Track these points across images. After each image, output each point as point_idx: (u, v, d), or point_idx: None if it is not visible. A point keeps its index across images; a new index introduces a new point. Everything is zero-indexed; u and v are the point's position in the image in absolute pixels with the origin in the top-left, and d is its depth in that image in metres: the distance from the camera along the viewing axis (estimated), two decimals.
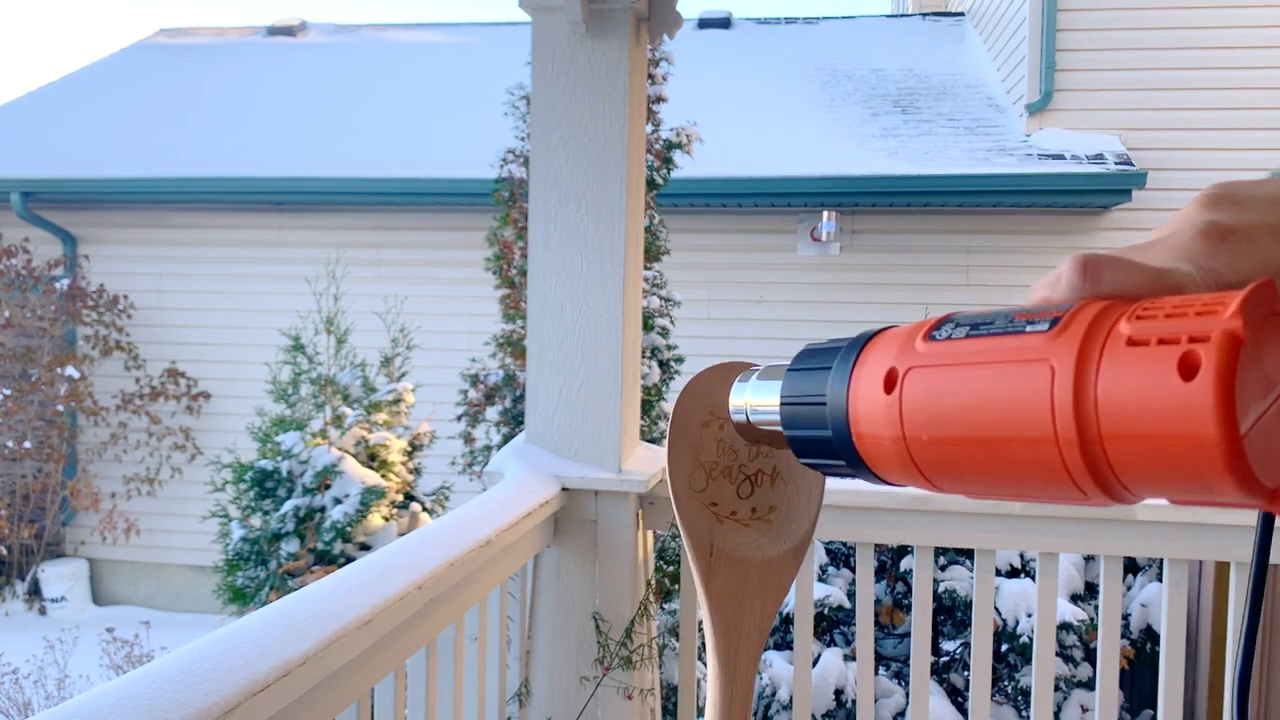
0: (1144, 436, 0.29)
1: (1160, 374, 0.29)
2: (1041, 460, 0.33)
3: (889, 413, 0.38)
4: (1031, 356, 0.33)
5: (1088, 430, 0.31)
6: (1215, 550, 1.83)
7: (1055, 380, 0.32)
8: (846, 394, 0.41)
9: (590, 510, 1.95)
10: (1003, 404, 0.34)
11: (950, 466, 0.37)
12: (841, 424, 0.41)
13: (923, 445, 0.37)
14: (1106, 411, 0.31)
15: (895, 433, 0.38)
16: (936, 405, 0.37)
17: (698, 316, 6.42)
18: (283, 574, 3.71)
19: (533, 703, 1.97)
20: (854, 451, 0.41)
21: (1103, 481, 0.32)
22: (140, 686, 0.87)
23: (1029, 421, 0.33)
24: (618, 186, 1.92)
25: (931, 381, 0.37)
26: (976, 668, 1.87)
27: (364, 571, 1.28)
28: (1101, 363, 0.31)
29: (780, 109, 7.56)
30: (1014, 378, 0.34)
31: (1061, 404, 0.32)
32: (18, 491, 7.06)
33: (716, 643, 0.54)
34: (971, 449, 0.35)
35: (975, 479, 0.36)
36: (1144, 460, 0.30)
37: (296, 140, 7.56)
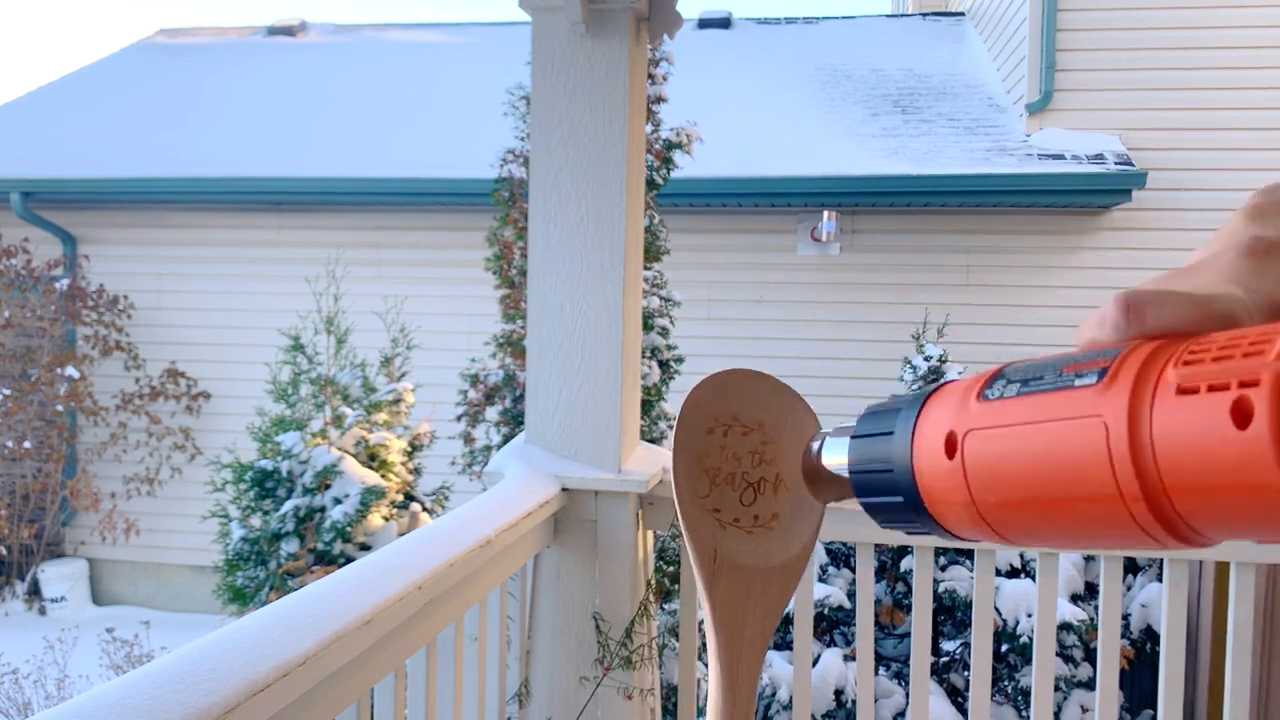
0: (1208, 487, 0.29)
1: (1214, 424, 0.29)
2: (1111, 516, 0.32)
3: (954, 478, 0.38)
4: (1084, 413, 0.33)
5: (1150, 484, 0.31)
6: (1215, 550, 1.83)
7: (1110, 436, 0.32)
8: (911, 460, 0.41)
9: (590, 510, 1.95)
10: (1062, 464, 0.34)
11: (1023, 526, 0.37)
12: (911, 490, 0.41)
13: (992, 508, 0.37)
14: (1166, 464, 0.30)
15: (964, 497, 0.38)
16: (998, 469, 0.37)
17: (698, 316, 6.42)
18: (283, 574, 3.71)
19: (533, 703, 1.97)
20: (927, 515, 0.41)
21: (1176, 531, 0.31)
22: (140, 686, 0.87)
23: (1092, 479, 0.33)
24: (618, 186, 1.92)
25: (990, 444, 0.37)
26: (976, 668, 1.87)
27: (364, 571, 1.28)
28: (1154, 415, 0.31)
29: (780, 109, 7.56)
30: (1069, 437, 0.33)
31: (1120, 459, 0.31)
32: (18, 491, 7.06)
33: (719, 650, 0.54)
34: (1040, 509, 0.35)
35: (1050, 536, 0.36)
36: (1213, 509, 0.30)
37: (296, 140, 7.56)
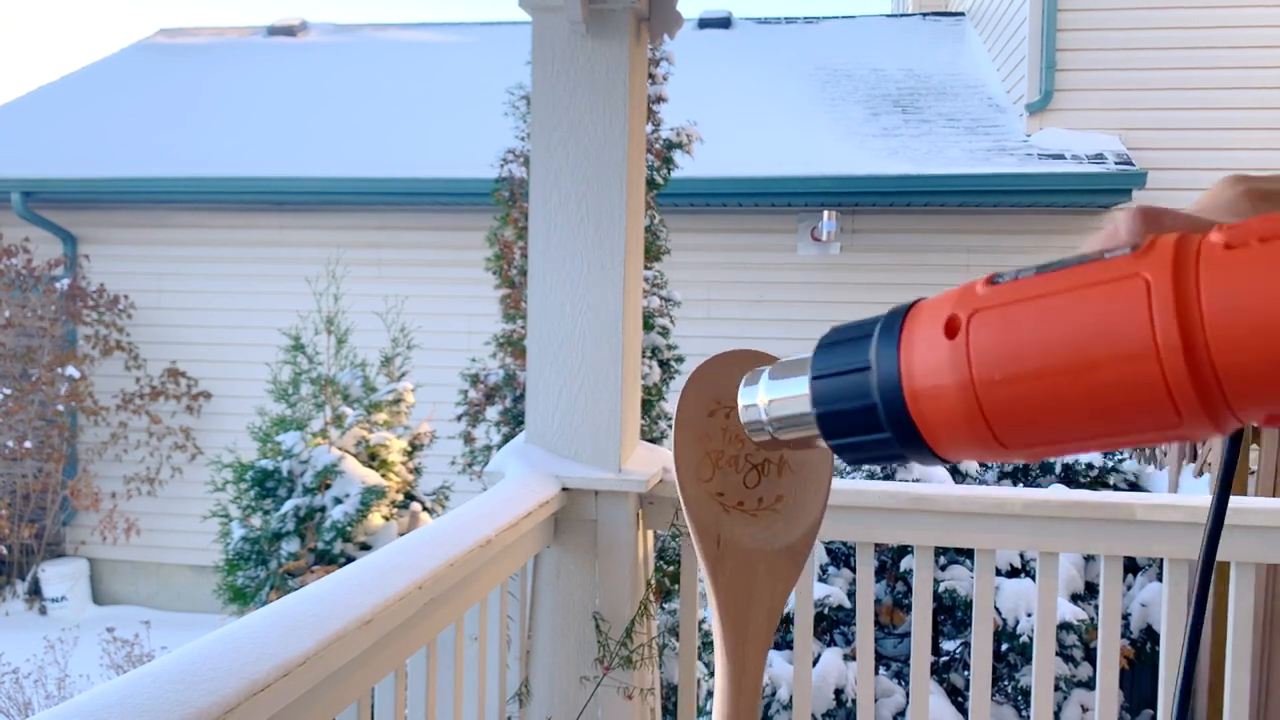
0: (1254, 331, 0.28)
1: (1269, 266, 0.28)
2: (1138, 379, 0.31)
3: (954, 356, 0.36)
4: (1121, 273, 0.32)
5: (1192, 336, 0.30)
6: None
7: (1153, 292, 0.31)
8: (897, 352, 0.38)
9: (590, 510, 1.95)
10: (1091, 325, 0.32)
11: (1024, 410, 0.34)
12: (892, 385, 0.38)
13: (993, 388, 0.34)
14: (1212, 311, 0.29)
15: (962, 377, 0.35)
16: (1011, 340, 0.34)
17: (698, 316, 6.42)
18: (283, 574, 3.71)
19: (533, 702, 1.97)
20: (906, 417, 0.37)
21: (1206, 393, 0.30)
22: (140, 686, 0.87)
23: (1125, 337, 0.31)
24: (618, 186, 1.92)
25: (1003, 318, 0.35)
26: (976, 667, 1.87)
27: (364, 571, 1.28)
28: (1200, 267, 0.30)
29: (780, 109, 7.56)
30: (1103, 297, 0.32)
31: (1162, 312, 0.30)
32: (18, 491, 7.06)
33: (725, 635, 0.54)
34: (1052, 382, 0.33)
35: (1053, 421, 0.34)
36: (1255, 359, 0.29)
37: (296, 140, 7.56)
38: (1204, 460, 3.79)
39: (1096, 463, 4.11)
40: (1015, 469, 4.32)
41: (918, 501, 1.87)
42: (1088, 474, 4.12)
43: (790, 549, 0.56)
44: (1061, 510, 1.82)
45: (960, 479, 4.05)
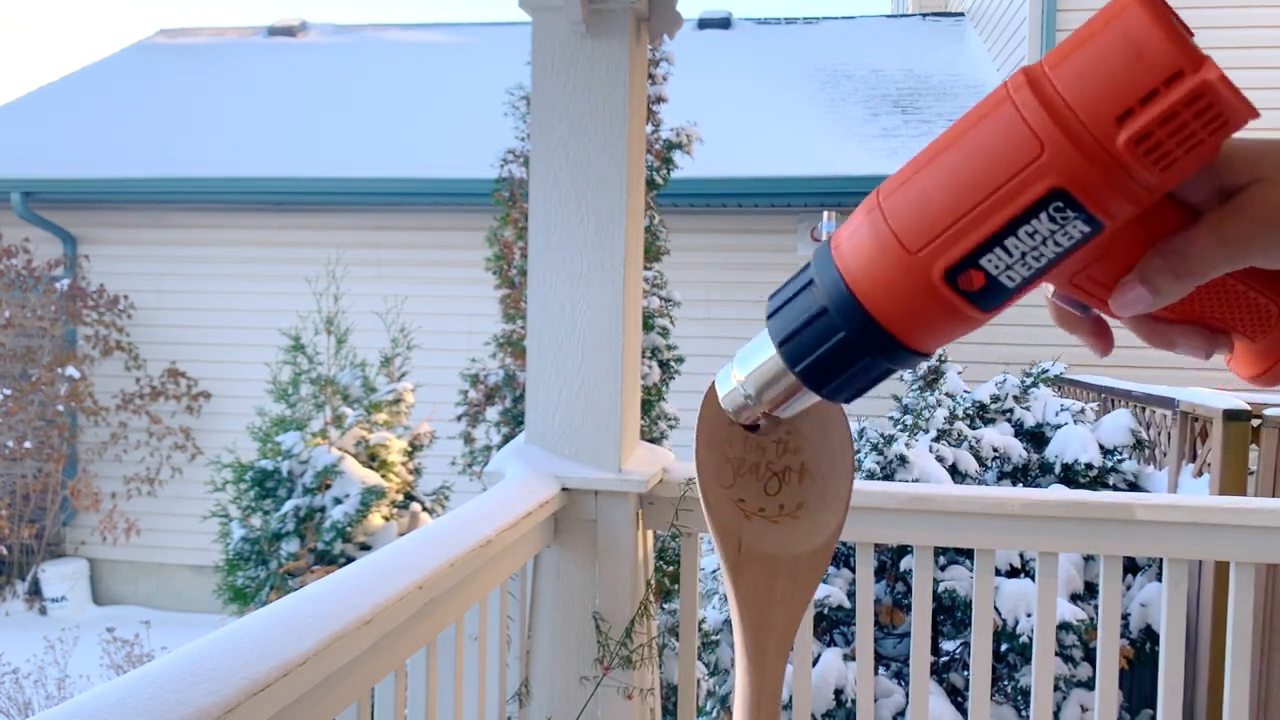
0: (1077, 43, 0.35)
1: (1085, 24, 0.35)
2: (997, 120, 0.36)
3: (872, 221, 0.39)
4: (994, 100, 0.37)
5: (1034, 73, 0.36)
6: (1214, 550, 1.83)
7: (1009, 82, 0.37)
8: (833, 260, 0.41)
9: (590, 510, 1.95)
10: (964, 117, 0.38)
11: (916, 196, 0.38)
12: (834, 281, 0.41)
13: (894, 196, 0.39)
14: (1050, 57, 0.36)
15: (871, 207, 0.40)
16: (905, 164, 0.39)
17: (698, 316, 6.42)
18: (283, 574, 3.71)
19: (533, 702, 1.97)
20: (858, 309, 0.40)
21: (1048, 103, 0.35)
22: (140, 686, 0.87)
23: (987, 105, 0.37)
24: (618, 186, 1.92)
25: (903, 172, 0.39)
26: (976, 667, 1.87)
27: (364, 571, 1.28)
28: (1047, 53, 0.36)
29: (780, 109, 7.56)
30: (974, 114, 0.38)
31: (1014, 78, 0.37)
32: (18, 491, 7.06)
33: (745, 640, 0.53)
34: (937, 159, 0.38)
35: (940, 191, 0.38)
36: (1083, 64, 0.34)
37: (297, 140, 7.56)
38: (1203, 460, 3.79)
39: (1096, 463, 4.12)
40: (1015, 470, 4.32)
41: (917, 501, 1.87)
42: (1087, 474, 4.13)
43: (811, 555, 0.56)
44: (1061, 510, 1.82)
45: (960, 479, 4.06)
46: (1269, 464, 3.53)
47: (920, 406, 4.27)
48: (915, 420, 4.18)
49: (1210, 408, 3.68)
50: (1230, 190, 0.40)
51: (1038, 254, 0.37)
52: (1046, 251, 0.37)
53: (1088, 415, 4.45)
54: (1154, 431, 4.40)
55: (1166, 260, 0.39)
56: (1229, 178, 0.40)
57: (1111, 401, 4.89)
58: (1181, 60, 0.33)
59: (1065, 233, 0.36)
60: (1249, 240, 0.39)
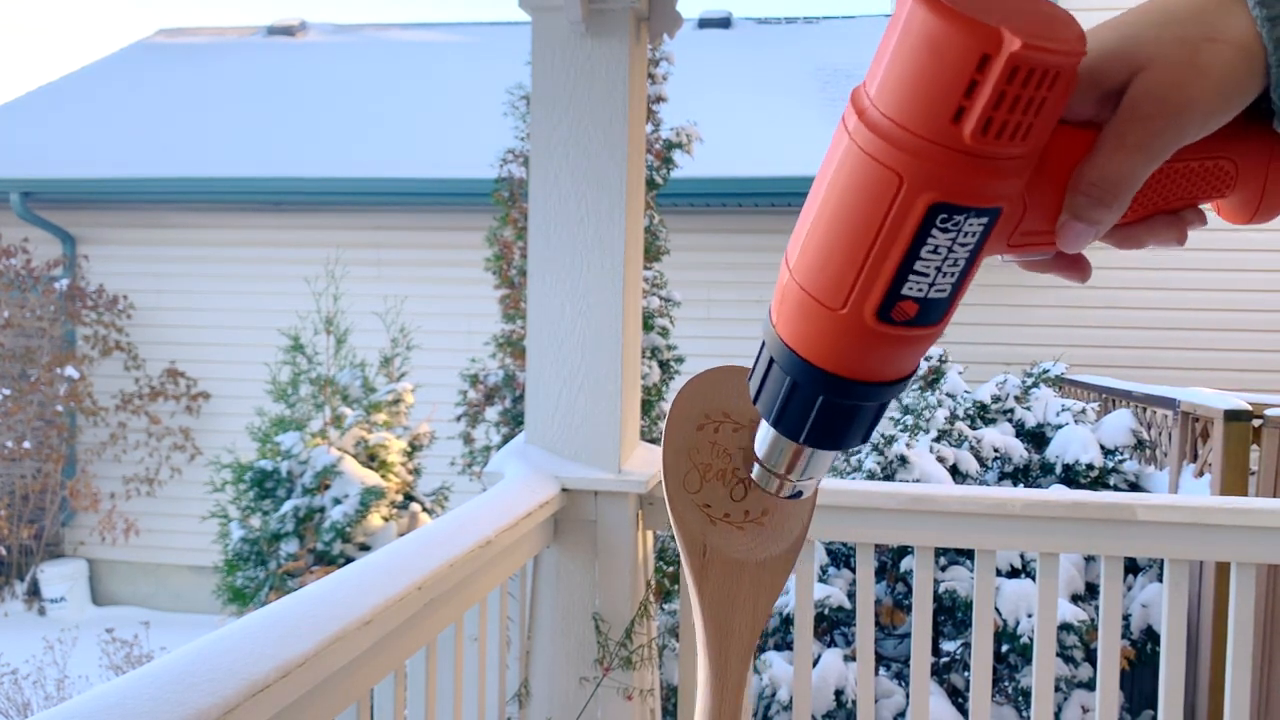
0: (887, 63, 0.35)
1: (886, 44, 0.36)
2: (852, 169, 0.37)
3: (781, 273, 0.41)
4: (841, 142, 0.38)
5: (860, 102, 0.36)
6: (1215, 550, 1.83)
7: (845, 111, 0.37)
8: (780, 338, 0.42)
9: (590, 511, 1.95)
10: (824, 163, 0.39)
11: (817, 260, 0.39)
12: (794, 362, 0.41)
13: (799, 263, 0.39)
14: (868, 78, 0.36)
15: (785, 277, 0.40)
16: (799, 223, 0.40)
17: (698, 316, 6.42)
18: (282, 574, 3.70)
19: (532, 703, 1.96)
20: (822, 374, 0.40)
21: (886, 134, 0.35)
22: (140, 686, 0.87)
23: (836, 149, 0.38)
24: (618, 186, 1.92)
25: (805, 243, 0.40)
26: (977, 668, 1.87)
27: (364, 571, 1.28)
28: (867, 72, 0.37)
29: (780, 109, 7.56)
30: (830, 149, 0.39)
31: (847, 112, 0.37)
32: (17, 491, 7.06)
33: (708, 644, 0.54)
34: (818, 220, 0.39)
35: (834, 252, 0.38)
36: (893, 78, 0.35)
37: (296, 140, 7.56)
38: (1204, 460, 3.79)
39: (1096, 463, 4.11)
40: (1016, 470, 4.32)
41: (918, 502, 1.87)
42: (1088, 474, 4.13)
43: (775, 561, 0.56)
44: (1062, 511, 1.82)
45: (961, 479, 4.05)
46: (1270, 464, 3.53)
47: (921, 407, 4.27)
48: (916, 420, 4.18)
49: (1211, 408, 3.68)
50: (1116, 92, 0.37)
51: (953, 260, 0.36)
52: (960, 254, 0.36)
53: (1089, 415, 4.45)
54: (1155, 432, 4.40)
55: (1089, 193, 0.38)
56: (1108, 82, 0.37)
57: (1112, 402, 4.89)
58: (979, 43, 0.32)
59: (966, 232, 0.36)
60: (1157, 136, 0.37)
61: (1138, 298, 6.22)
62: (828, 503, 1.89)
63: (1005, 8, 0.32)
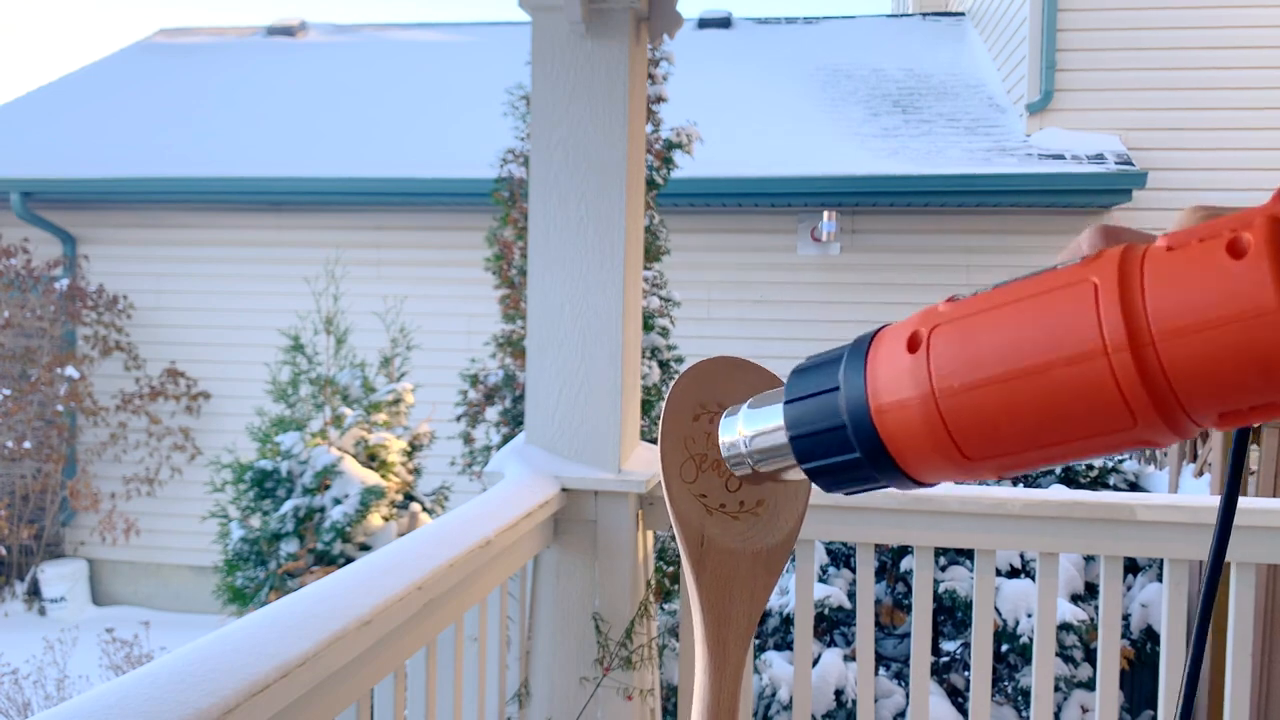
0: (1198, 325, 0.29)
1: (1208, 261, 0.29)
2: (1089, 379, 0.31)
3: (915, 370, 0.37)
4: (1070, 280, 0.33)
5: (1138, 332, 0.30)
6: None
7: (1100, 293, 0.31)
8: (864, 371, 0.39)
9: (590, 511, 1.95)
10: (1043, 328, 0.33)
11: (982, 418, 0.35)
12: (859, 403, 0.39)
13: (952, 397, 0.35)
14: (1156, 308, 0.30)
15: (923, 389, 0.36)
16: (968, 349, 0.35)
17: (698, 316, 6.42)
18: (282, 574, 3.70)
19: (532, 703, 1.96)
20: (873, 434, 0.38)
21: (1156, 390, 0.30)
22: (140, 686, 0.87)
23: (1074, 338, 0.32)
24: (618, 186, 1.92)
25: (962, 329, 0.36)
26: (977, 668, 1.87)
27: (364, 571, 1.28)
28: (1145, 268, 0.31)
29: (780, 109, 7.56)
30: (1054, 302, 0.33)
31: (1108, 311, 0.31)
32: (17, 491, 7.06)
33: (706, 632, 0.55)
34: (1007, 387, 0.34)
35: (1011, 428, 0.34)
36: (1201, 355, 0.29)
37: (296, 140, 7.56)
38: (1204, 460, 3.79)
39: (1096, 463, 4.11)
40: None
41: (918, 502, 1.87)
42: (1088, 474, 4.12)
43: (770, 551, 0.57)
44: (1062, 511, 1.82)
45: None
46: (1270, 464, 3.53)
47: None
48: None
49: None
50: None
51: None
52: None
53: None
54: None
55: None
56: None
57: None
58: None
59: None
60: None
61: None
62: (828, 503, 1.89)
63: None
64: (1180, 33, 6.44)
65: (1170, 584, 1.82)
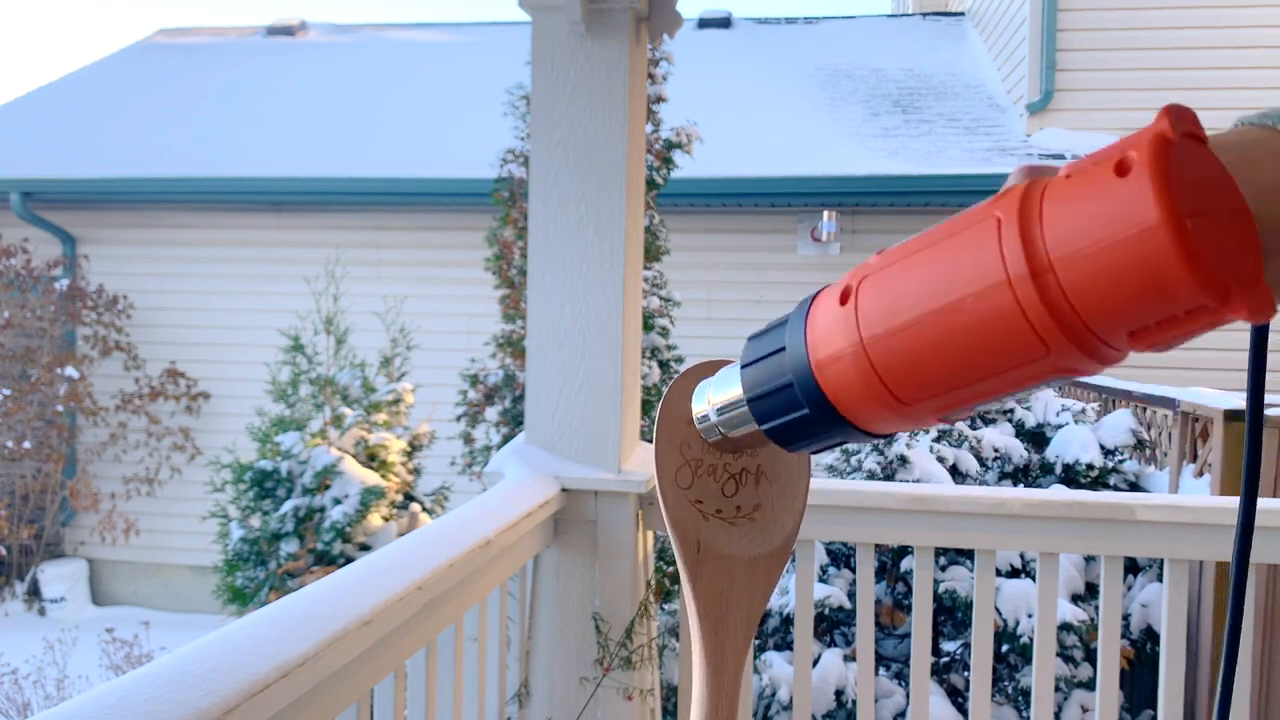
0: (1092, 248, 0.30)
1: (1097, 182, 0.30)
2: (998, 311, 0.33)
3: (846, 322, 0.38)
4: (978, 218, 0.34)
5: (1037, 259, 0.31)
6: (1215, 550, 1.83)
7: (1002, 226, 0.33)
8: (804, 330, 0.40)
9: (590, 511, 1.95)
10: (953, 267, 0.34)
11: (908, 360, 0.36)
12: (801, 360, 0.40)
13: (879, 342, 0.37)
14: (1053, 234, 0.31)
15: (853, 340, 0.38)
16: (891, 294, 0.37)
17: (698, 316, 6.42)
18: (282, 574, 3.70)
19: (532, 703, 1.96)
20: (816, 387, 0.39)
21: (1060, 315, 0.31)
22: (140, 687, 0.87)
23: (981, 273, 0.33)
24: (618, 186, 1.92)
25: (885, 277, 0.37)
26: (977, 668, 1.87)
27: (364, 571, 1.28)
28: (1044, 197, 0.32)
29: (780, 109, 7.56)
30: (962, 241, 0.34)
31: (1010, 242, 0.32)
32: (17, 491, 7.06)
33: (704, 638, 0.54)
34: (928, 326, 0.35)
35: (937, 366, 0.35)
36: (1096, 276, 0.30)
37: (296, 140, 7.56)
38: (1204, 460, 3.79)
39: (1096, 463, 4.11)
40: (1016, 470, 4.32)
41: (918, 502, 1.87)
42: (1088, 474, 4.12)
43: (767, 556, 0.57)
44: (1062, 511, 1.82)
45: (961, 479, 4.05)
46: (1270, 464, 3.53)
47: None
48: None
49: (1211, 408, 3.68)
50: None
51: (1032, 390, 0.37)
52: (1039, 389, 0.37)
53: (1089, 415, 4.45)
54: (1155, 432, 4.40)
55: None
56: None
57: (1112, 402, 4.89)
58: (1207, 299, 0.29)
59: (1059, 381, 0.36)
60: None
61: None
62: (828, 503, 1.89)
63: (1222, 240, 0.30)
64: (1180, 33, 6.44)
65: (1170, 584, 1.82)
